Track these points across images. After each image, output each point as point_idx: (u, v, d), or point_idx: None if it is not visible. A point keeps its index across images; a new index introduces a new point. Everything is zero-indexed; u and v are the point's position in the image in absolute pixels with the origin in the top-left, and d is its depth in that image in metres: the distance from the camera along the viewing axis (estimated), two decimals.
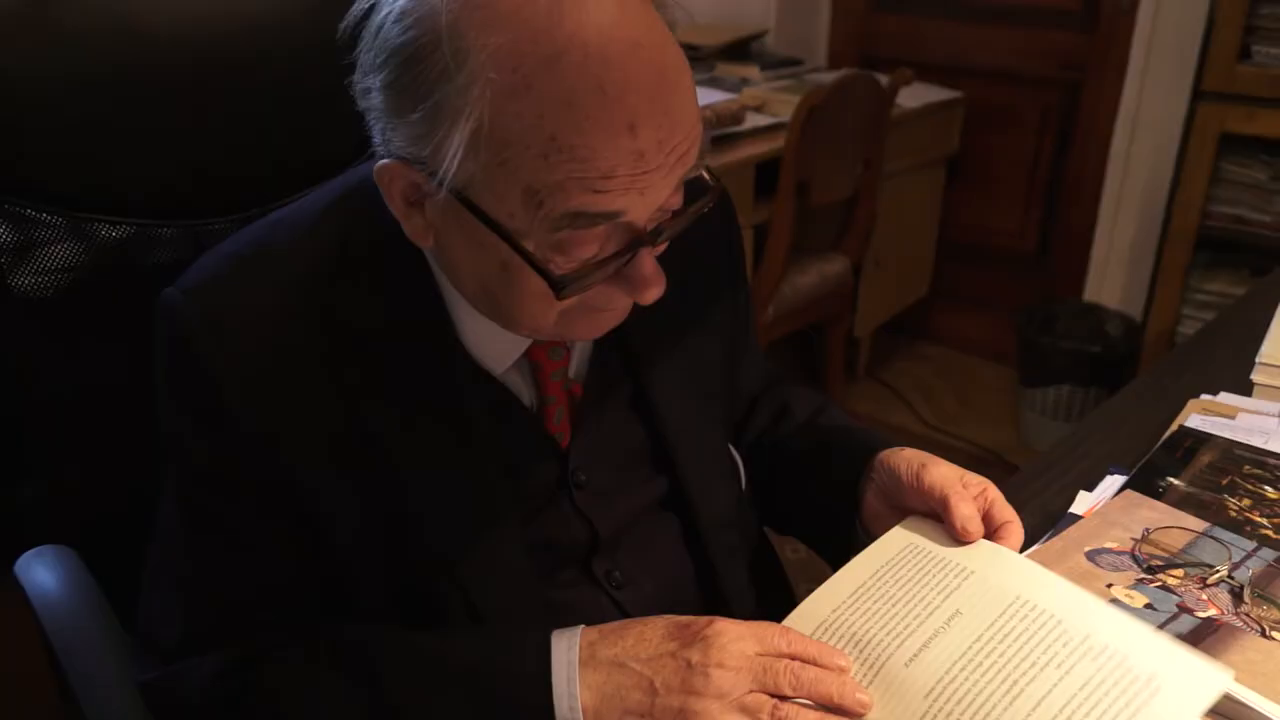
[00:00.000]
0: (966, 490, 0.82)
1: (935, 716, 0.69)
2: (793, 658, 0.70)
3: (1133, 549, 0.89)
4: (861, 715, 0.69)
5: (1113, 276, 2.94)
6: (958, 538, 0.79)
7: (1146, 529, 0.91)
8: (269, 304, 0.74)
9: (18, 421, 1.03)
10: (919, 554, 0.81)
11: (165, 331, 0.74)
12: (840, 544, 0.89)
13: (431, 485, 0.76)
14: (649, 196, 0.66)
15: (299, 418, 0.73)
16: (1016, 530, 0.81)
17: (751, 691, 0.68)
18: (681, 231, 0.72)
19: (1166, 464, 1.02)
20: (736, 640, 0.69)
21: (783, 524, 1.04)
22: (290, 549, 0.76)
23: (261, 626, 0.77)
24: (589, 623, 0.83)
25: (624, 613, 0.84)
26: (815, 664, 0.70)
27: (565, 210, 0.64)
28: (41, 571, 0.95)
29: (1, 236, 0.89)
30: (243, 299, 0.74)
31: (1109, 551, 0.88)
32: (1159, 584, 0.85)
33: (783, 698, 0.69)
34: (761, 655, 0.69)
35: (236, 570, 0.77)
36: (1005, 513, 0.82)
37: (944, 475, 0.82)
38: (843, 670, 0.70)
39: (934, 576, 0.79)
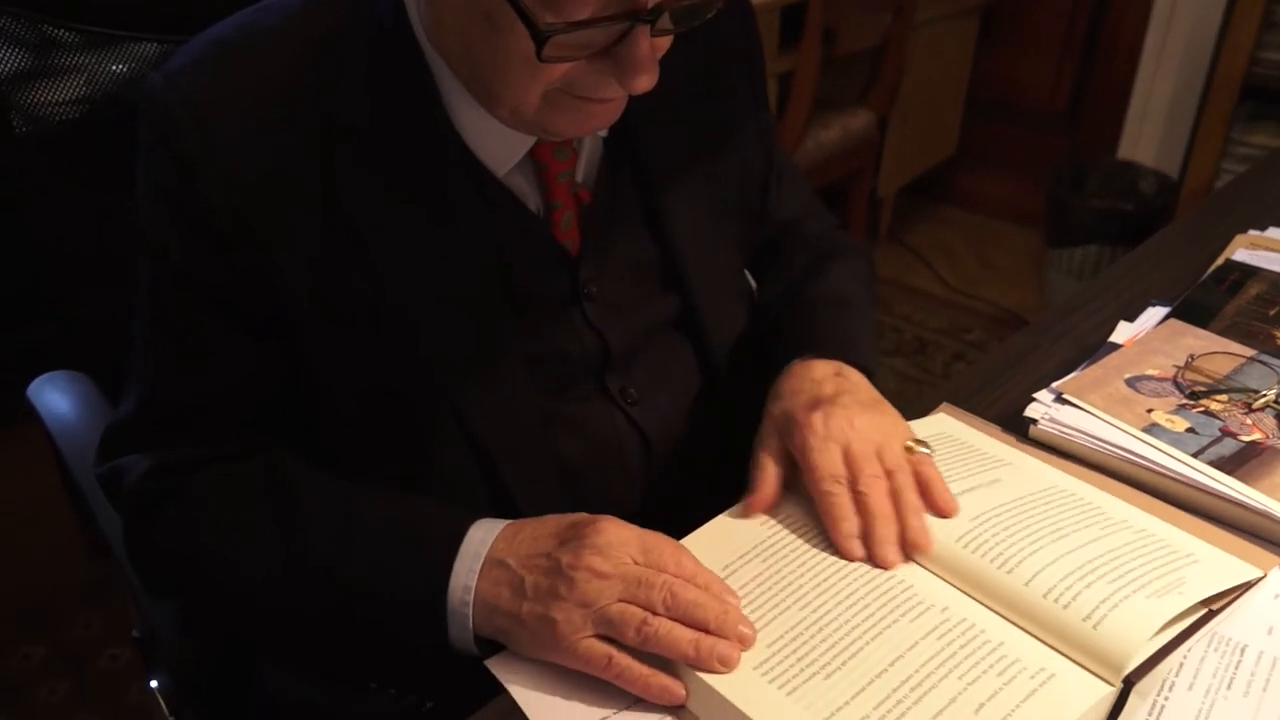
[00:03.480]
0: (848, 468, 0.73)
1: (970, 548, 0.68)
2: (679, 559, 0.65)
3: (1175, 376, 0.85)
4: (743, 649, 0.62)
5: (1149, 132, 2.83)
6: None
7: (1191, 355, 0.87)
8: (252, 91, 0.69)
9: (33, 261, 1.02)
10: (950, 440, 0.80)
11: (145, 117, 0.70)
12: None
13: (423, 285, 0.72)
14: None
15: (278, 210, 0.69)
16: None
17: (620, 601, 0.62)
18: (689, 29, 0.66)
19: (1212, 296, 0.98)
20: (615, 545, 0.64)
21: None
22: (254, 355, 0.73)
23: (211, 432, 0.75)
24: (601, 438, 0.81)
25: (639, 429, 0.82)
26: (702, 573, 0.64)
27: None
28: (54, 395, 0.94)
29: (15, 62, 0.85)
30: (225, 85, 0.69)
31: (1150, 379, 0.85)
32: (1201, 410, 0.82)
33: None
34: (640, 565, 0.64)
35: (193, 371, 0.74)
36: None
37: (810, 452, 0.73)
38: (728, 603, 0.64)
39: (965, 460, 0.79)
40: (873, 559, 0.69)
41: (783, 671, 0.61)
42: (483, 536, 0.67)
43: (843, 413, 0.74)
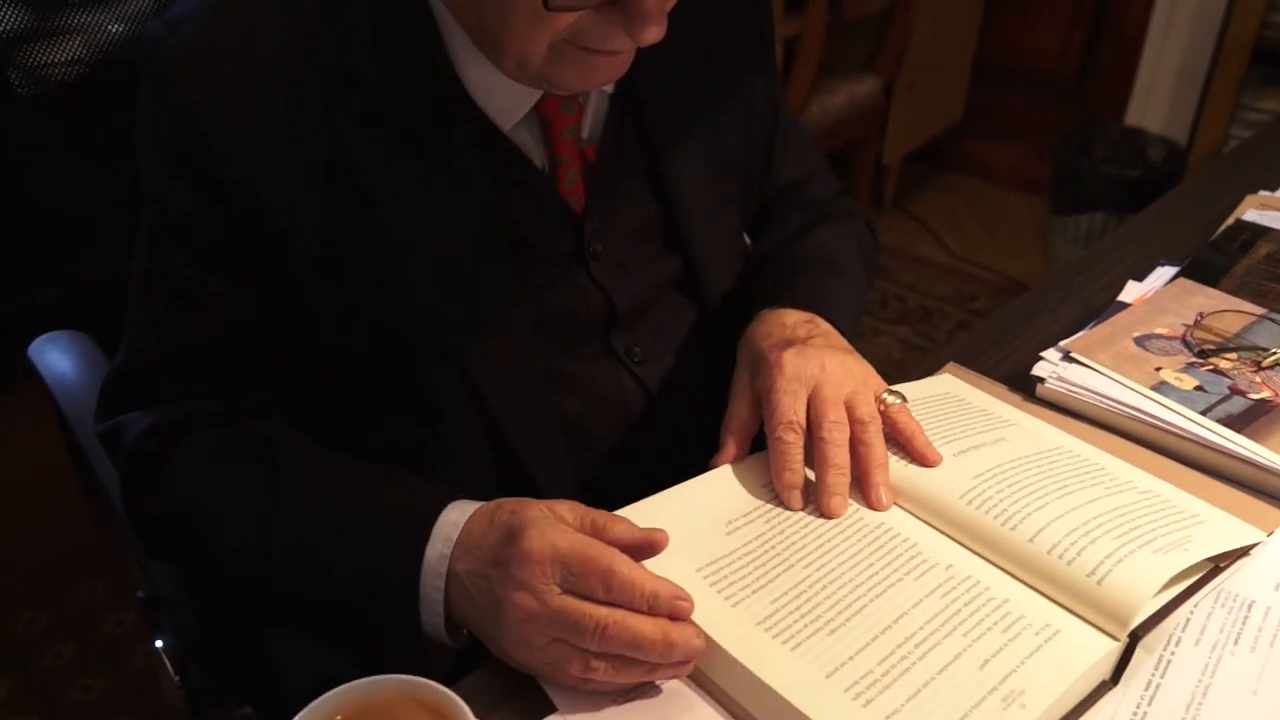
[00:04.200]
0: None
1: (974, 505, 0.67)
2: (609, 580, 0.57)
3: (1184, 334, 0.85)
4: (690, 660, 0.59)
5: (1158, 98, 2.80)
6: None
7: (1200, 314, 0.87)
8: (255, 40, 0.68)
9: (33, 224, 1.01)
10: (955, 400, 0.78)
11: (145, 65, 0.69)
12: None
13: (426, 238, 0.72)
14: None
15: (280, 161, 0.68)
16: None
17: (557, 641, 0.58)
18: None
19: (1222, 255, 0.97)
20: (537, 573, 0.58)
21: None
22: (253, 307, 0.72)
23: (210, 385, 0.74)
24: (607, 397, 0.81)
25: (644, 388, 0.82)
26: (641, 588, 0.58)
27: None
28: (55, 355, 0.93)
29: (14, 22, 0.84)
30: (227, 34, 0.68)
31: (1159, 337, 0.84)
32: (1210, 368, 0.81)
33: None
34: (564, 596, 0.58)
35: (192, 322, 0.73)
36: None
37: (777, 395, 0.71)
38: (665, 627, 0.58)
39: (969, 419, 0.78)
40: (818, 507, 0.68)
41: (786, 627, 0.61)
42: (449, 531, 0.64)
43: (815, 354, 0.72)
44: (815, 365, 0.72)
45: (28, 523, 1.78)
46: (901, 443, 0.72)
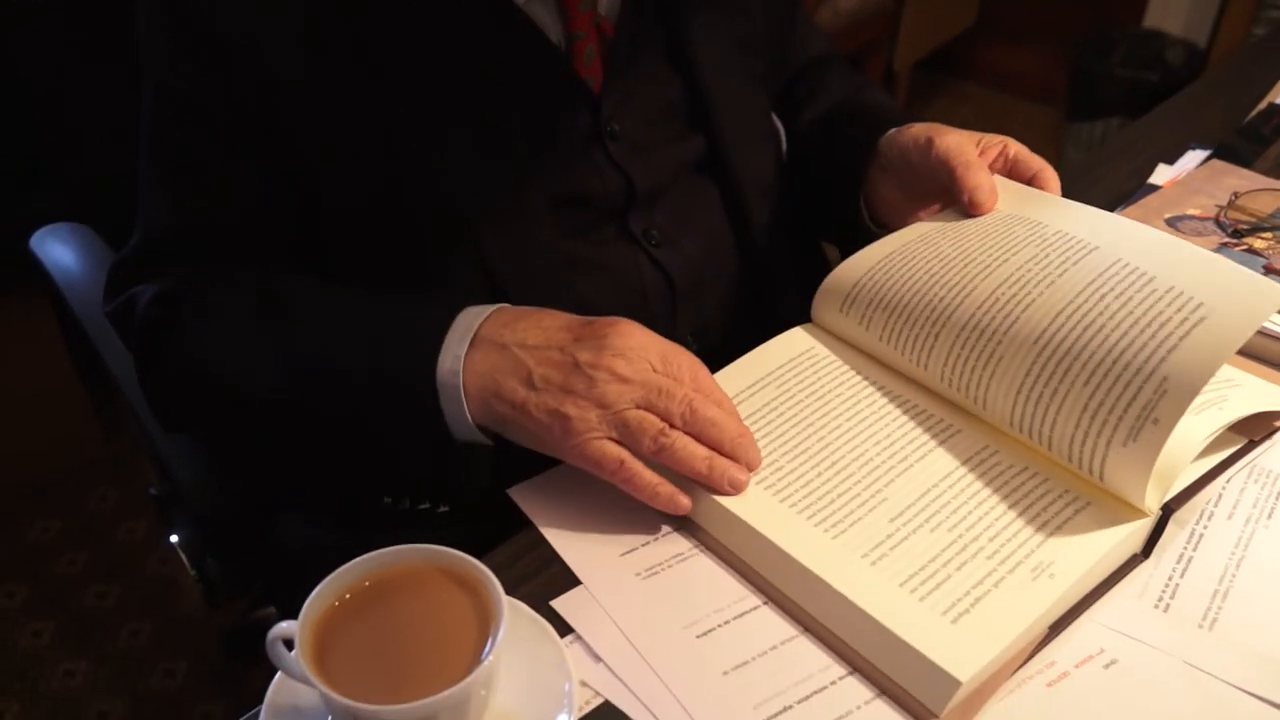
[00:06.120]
0: (981, 156, 0.74)
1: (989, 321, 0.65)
2: (697, 371, 0.62)
3: (1217, 215, 0.82)
4: (750, 473, 0.61)
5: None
6: (968, 212, 0.72)
7: (1234, 194, 0.84)
8: None
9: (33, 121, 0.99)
10: (946, 228, 0.73)
11: None
12: (855, 241, 0.80)
13: (438, 114, 0.69)
14: None
15: (288, 32, 0.66)
16: (1050, 178, 0.75)
17: (639, 408, 0.60)
18: None
19: (1255, 138, 0.94)
20: (637, 350, 0.61)
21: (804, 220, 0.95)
22: (261, 181, 0.70)
23: (219, 261, 0.73)
24: (624, 281, 0.79)
25: (664, 272, 0.80)
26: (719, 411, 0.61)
27: None
28: (57, 246, 0.91)
29: None
30: None
31: (1191, 218, 0.82)
32: (1244, 248, 0.79)
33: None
34: (659, 374, 0.61)
35: (199, 198, 0.71)
36: (1033, 163, 0.75)
37: (954, 144, 0.74)
38: (743, 425, 0.62)
39: (975, 236, 0.74)
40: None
41: (793, 492, 0.61)
42: (471, 320, 0.64)
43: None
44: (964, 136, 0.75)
45: (38, 436, 1.77)
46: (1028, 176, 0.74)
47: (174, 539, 0.92)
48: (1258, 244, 0.79)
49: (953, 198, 0.74)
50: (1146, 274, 0.61)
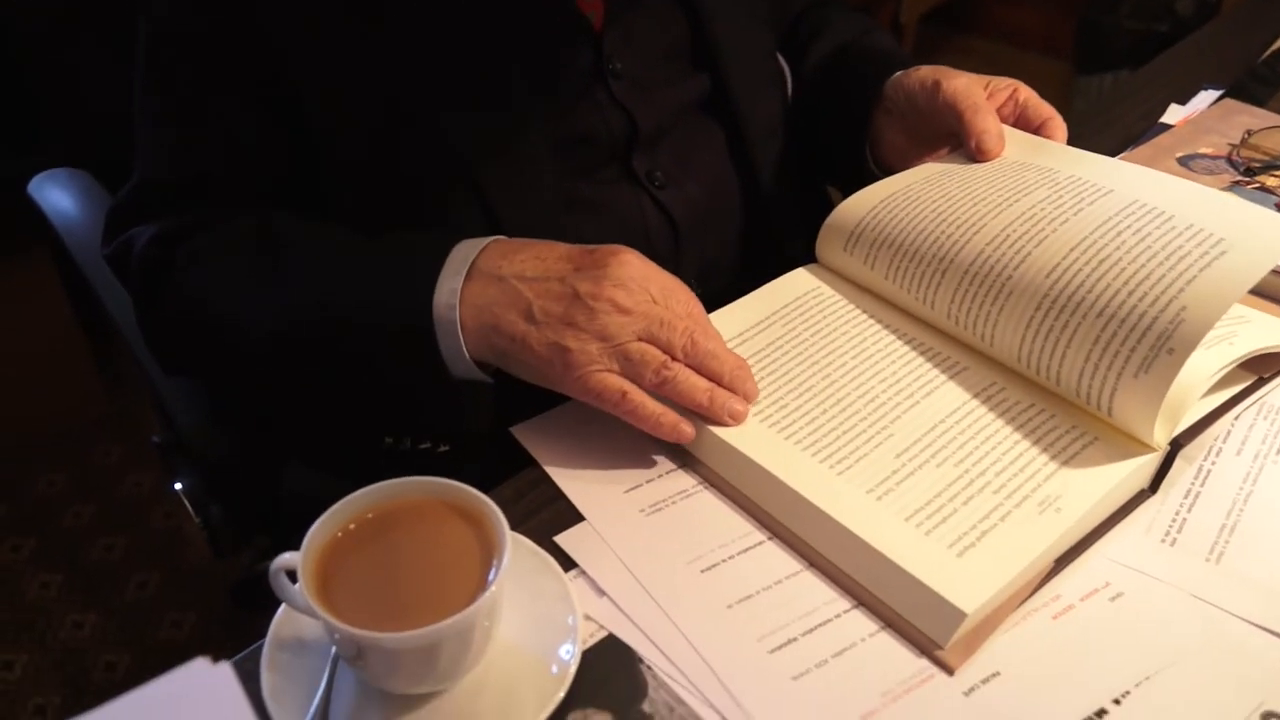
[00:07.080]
0: (990, 100, 0.73)
1: (989, 269, 0.64)
2: (691, 304, 0.62)
3: (1230, 154, 0.81)
4: (748, 405, 0.61)
5: None
6: (975, 157, 0.72)
7: (1247, 132, 0.83)
8: None
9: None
10: (953, 170, 0.73)
11: None
12: (859, 186, 0.79)
13: (436, 54, 0.68)
14: None
15: None
16: (1059, 126, 0.74)
17: (640, 340, 0.59)
18: None
19: (1268, 78, 0.92)
20: (637, 280, 0.60)
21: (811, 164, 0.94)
22: (257, 125, 0.70)
23: (216, 202, 0.72)
24: (627, 222, 0.78)
25: (666, 213, 0.79)
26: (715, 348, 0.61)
27: None
28: (55, 191, 0.90)
29: None
30: None
31: (1204, 156, 0.81)
32: (1257, 186, 0.78)
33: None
34: (659, 306, 0.60)
35: (196, 141, 0.71)
36: (1042, 110, 0.74)
37: (962, 87, 0.73)
38: (740, 357, 0.62)
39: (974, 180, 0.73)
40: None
41: (798, 429, 0.60)
42: (467, 251, 0.63)
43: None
44: (972, 80, 0.75)
45: (42, 393, 1.77)
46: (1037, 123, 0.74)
47: (178, 486, 0.92)
48: (1270, 182, 0.78)
49: (959, 143, 0.73)
50: (1165, 213, 0.61)
